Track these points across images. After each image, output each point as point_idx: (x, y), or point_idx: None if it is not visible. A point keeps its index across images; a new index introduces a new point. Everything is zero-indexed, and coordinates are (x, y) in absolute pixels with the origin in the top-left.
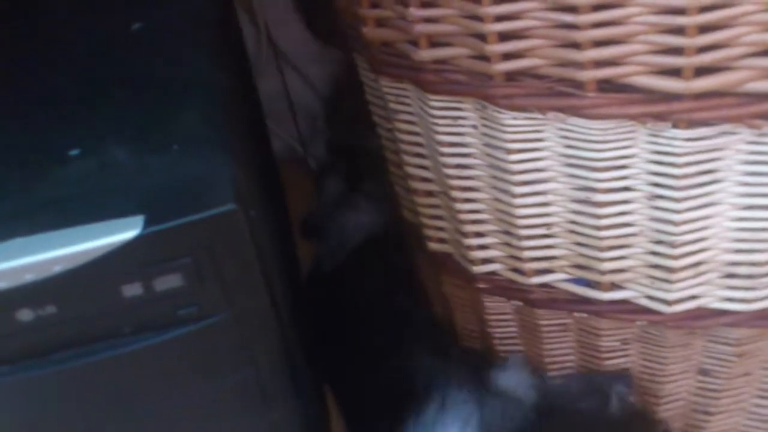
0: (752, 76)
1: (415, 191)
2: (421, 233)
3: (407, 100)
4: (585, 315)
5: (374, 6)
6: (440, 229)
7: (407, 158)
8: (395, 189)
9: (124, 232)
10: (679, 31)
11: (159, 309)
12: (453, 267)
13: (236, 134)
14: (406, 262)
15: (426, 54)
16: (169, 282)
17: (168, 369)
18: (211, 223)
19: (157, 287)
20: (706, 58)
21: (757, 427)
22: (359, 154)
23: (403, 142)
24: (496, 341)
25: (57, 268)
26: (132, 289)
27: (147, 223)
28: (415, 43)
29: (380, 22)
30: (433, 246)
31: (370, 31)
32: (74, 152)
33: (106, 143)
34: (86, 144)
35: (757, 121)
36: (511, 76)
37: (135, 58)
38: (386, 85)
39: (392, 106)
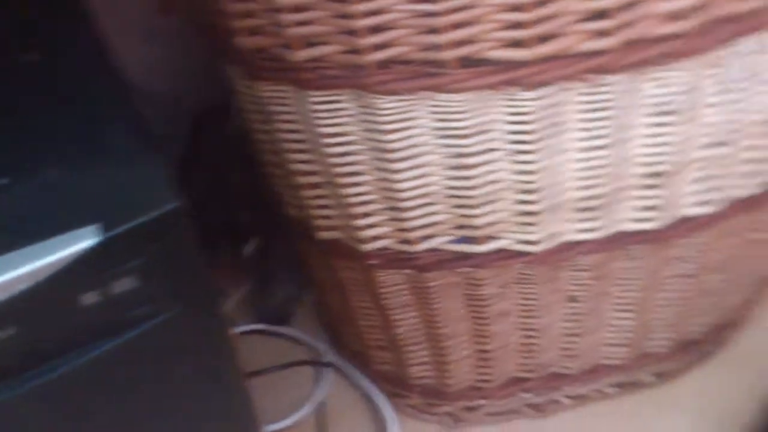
0: (580, 39)
1: (300, 186)
2: (309, 225)
3: (287, 101)
4: (469, 269)
5: (245, 17)
6: (328, 217)
7: (290, 156)
8: (278, 190)
9: (80, 242)
10: (520, 8)
11: (115, 312)
12: (344, 251)
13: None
14: None
15: (301, 55)
16: (125, 284)
17: (127, 370)
18: (159, 221)
19: (115, 291)
20: (544, 28)
21: (616, 337)
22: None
23: (285, 141)
24: (390, 312)
25: (17, 288)
26: (90, 298)
27: (100, 231)
28: (289, 46)
29: (252, 31)
30: (323, 235)
31: (243, 41)
32: (3, 180)
33: (37, 168)
34: (16, 171)
35: (588, 76)
36: (382, 65)
37: (42, 85)
38: (264, 89)
39: (271, 108)
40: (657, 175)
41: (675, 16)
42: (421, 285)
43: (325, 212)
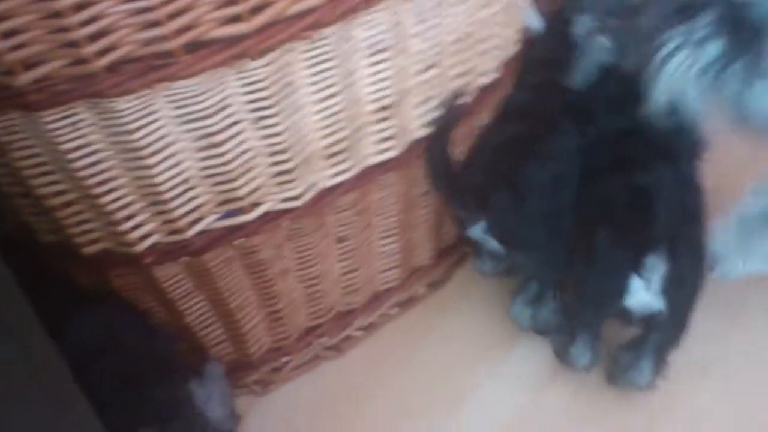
0: (291, 2)
1: (52, 208)
2: (71, 245)
3: (16, 128)
4: (242, 239)
5: None
6: (90, 231)
7: (35, 181)
8: (26, 219)
9: None
10: None
11: None
12: (116, 259)
13: None
14: None
15: (25, 78)
16: None
17: None
18: None
19: None
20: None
21: (387, 262)
22: None
23: (25, 168)
24: (177, 304)
25: None
26: None
27: None
28: (10, 72)
29: None
30: (89, 249)
31: None
32: None
33: None
34: None
35: (306, 33)
36: (110, 69)
37: None
38: None
39: (2, 139)
40: (386, 108)
41: None
42: (200, 269)
43: (85, 227)
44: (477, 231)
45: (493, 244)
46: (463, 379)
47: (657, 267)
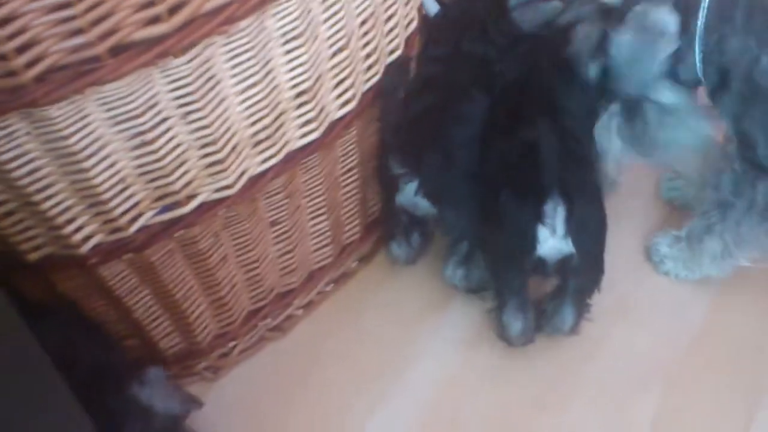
0: (205, 0)
1: None
2: (15, 252)
3: None
4: (181, 231)
5: None
6: (33, 237)
7: None
8: None
9: None
10: None
11: None
12: (61, 262)
13: None
14: None
15: None
16: None
17: None
18: None
19: None
20: (172, 1)
21: (320, 241)
22: None
23: None
24: (124, 301)
25: None
26: None
27: None
28: None
29: None
30: (34, 256)
31: None
32: None
33: None
34: None
35: (223, 28)
36: (40, 78)
37: None
38: None
39: None
40: (304, 92)
41: None
42: (143, 264)
43: (28, 234)
44: (408, 194)
45: (422, 205)
46: (405, 345)
47: (556, 212)
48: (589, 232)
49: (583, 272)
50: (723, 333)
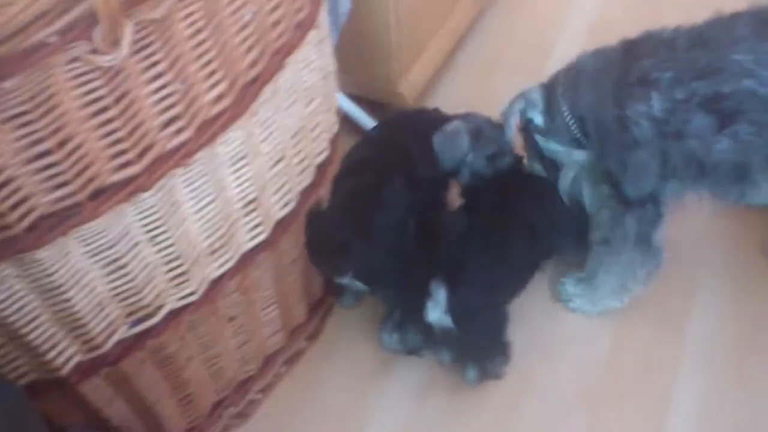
0: (166, 142)
1: None
2: None
3: None
4: (152, 341)
5: None
6: (18, 367)
7: None
8: None
9: None
10: (120, 140)
11: None
12: (44, 386)
13: None
14: None
15: None
16: None
17: None
18: None
19: None
20: (140, 147)
21: (272, 328)
22: None
23: None
24: (101, 413)
25: None
26: None
27: None
28: None
29: None
30: (21, 382)
31: None
32: None
33: None
34: None
35: (183, 162)
36: (31, 228)
37: None
38: None
39: None
40: (251, 202)
41: (219, 98)
42: (118, 375)
43: (14, 364)
44: (345, 278)
45: (357, 285)
46: (360, 408)
47: (439, 290)
48: (472, 313)
49: (474, 349)
50: (629, 357)
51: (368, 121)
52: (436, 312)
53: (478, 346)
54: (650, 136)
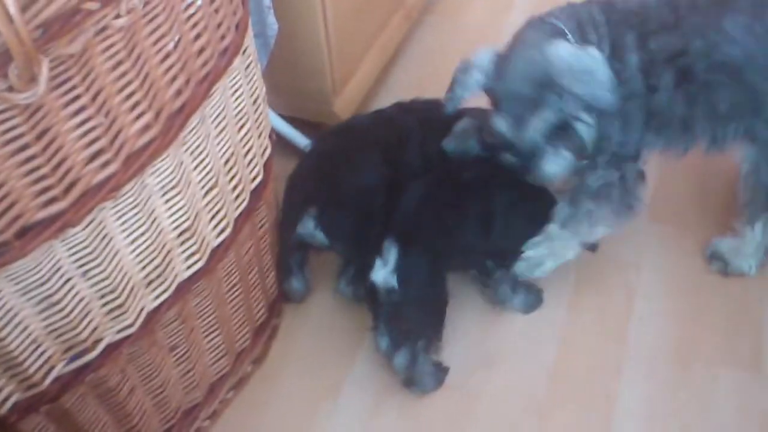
0: (92, 177)
1: None
2: None
3: None
4: (91, 374)
5: None
6: None
7: None
8: None
9: None
10: (45, 176)
11: None
12: None
13: None
14: None
15: None
16: None
17: None
18: None
19: None
20: (65, 183)
21: (216, 354)
22: None
23: None
24: None
25: None
26: None
27: None
28: None
29: None
30: None
31: None
32: None
33: None
34: None
35: (112, 194)
36: None
37: None
38: None
39: None
40: (186, 230)
41: (145, 129)
42: (59, 412)
43: None
44: (308, 226)
45: (318, 237)
46: (309, 428)
47: (391, 249)
48: (417, 277)
49: (411, 321)
50: (574, 363)
51: (303, 141)
52: (382, 271)
53: (416, 318)
54: (639, 89)
